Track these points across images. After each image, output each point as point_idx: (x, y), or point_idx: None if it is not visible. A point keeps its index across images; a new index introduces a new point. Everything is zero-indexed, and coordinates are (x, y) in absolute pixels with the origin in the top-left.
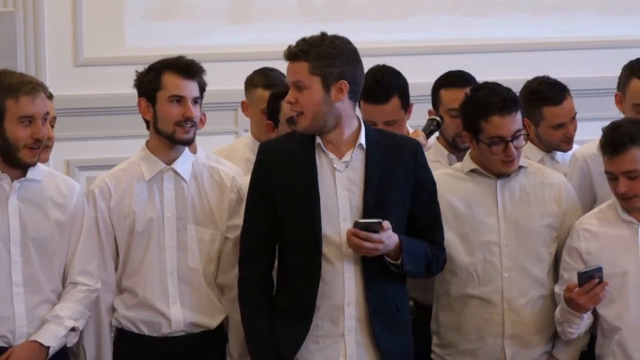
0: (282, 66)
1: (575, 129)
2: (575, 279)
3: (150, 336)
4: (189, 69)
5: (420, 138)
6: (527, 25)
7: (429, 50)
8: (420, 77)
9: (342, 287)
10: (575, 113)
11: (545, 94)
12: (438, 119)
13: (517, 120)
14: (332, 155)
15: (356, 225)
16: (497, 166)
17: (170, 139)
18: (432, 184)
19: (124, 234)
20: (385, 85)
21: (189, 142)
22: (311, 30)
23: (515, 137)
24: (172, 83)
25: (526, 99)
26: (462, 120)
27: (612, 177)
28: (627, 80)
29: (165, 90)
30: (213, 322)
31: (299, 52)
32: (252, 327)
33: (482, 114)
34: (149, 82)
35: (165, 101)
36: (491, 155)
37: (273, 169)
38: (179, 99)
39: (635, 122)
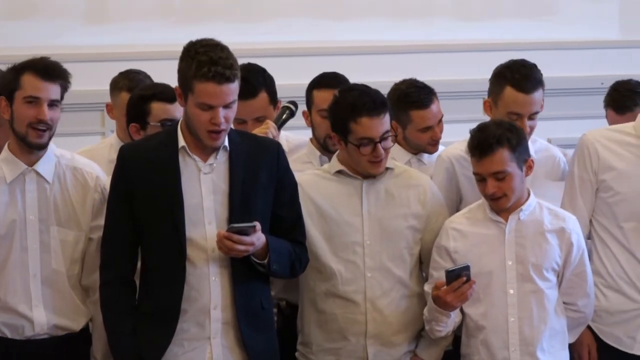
0: (145, 66)
1: (441, 132)
2: (444, 278)
3: (13, 339)
4: (48, 70)
5: (271, 129)
6: (387, 29)
7: (288, 52)
8: (279, 79)
9: (208, 290)
10: (442, 116)
11: (414, 97)
12: (292, 107)
13: (385, 121)
14: (196, 158)
15: (231, 229)
16: (364, 167)
17: (23, 141)
18: (293, 184)
19: None
20: (252, 81)
21: (42, 147)
22: (170, 31)
23: (383, 138)
24: (29, 84)
25: (394, 102)
26: (330, 121)
27: (480, 179)
28: (500, 88)
29: (22, 90)
30: (77, 325)
31: None
32: (115, 331)
33: (352, 115)
34: (9, 81)
35: (20, 101)
36: (359, 156)
37: (134, 172)
38: (34, 100)
39: (501, 123)
